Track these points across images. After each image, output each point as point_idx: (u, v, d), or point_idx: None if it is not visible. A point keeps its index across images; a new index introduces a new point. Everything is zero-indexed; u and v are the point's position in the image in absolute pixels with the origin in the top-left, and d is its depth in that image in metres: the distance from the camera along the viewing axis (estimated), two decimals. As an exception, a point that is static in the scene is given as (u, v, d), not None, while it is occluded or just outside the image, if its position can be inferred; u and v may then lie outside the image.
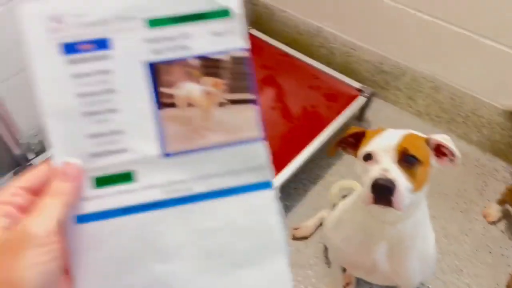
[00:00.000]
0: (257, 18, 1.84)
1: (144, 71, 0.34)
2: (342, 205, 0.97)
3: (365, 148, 0.73)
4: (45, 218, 0.30)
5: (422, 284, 1.19)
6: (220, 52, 0.35)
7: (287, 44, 1.71)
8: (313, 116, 1.47)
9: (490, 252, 1.25)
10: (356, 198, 0.89)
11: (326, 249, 1.26)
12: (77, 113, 0.33)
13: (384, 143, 0.71)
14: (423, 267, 0.87)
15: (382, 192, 0.66)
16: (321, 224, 1.30)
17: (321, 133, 1.41)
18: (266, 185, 0.36)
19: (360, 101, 1.51)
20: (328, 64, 1.65)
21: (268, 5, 1.77)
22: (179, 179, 0.34)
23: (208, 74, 0.35)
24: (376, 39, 1.55)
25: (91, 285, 0.34)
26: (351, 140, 0.81)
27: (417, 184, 0.70)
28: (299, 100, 1.52)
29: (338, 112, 1.47)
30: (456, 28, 1.31)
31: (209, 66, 0.35)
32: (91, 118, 0.33)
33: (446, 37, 1.35)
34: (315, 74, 1.60)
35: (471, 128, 1.46)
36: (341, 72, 1.61)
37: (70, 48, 0.33)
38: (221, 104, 0.35)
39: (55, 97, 0.33)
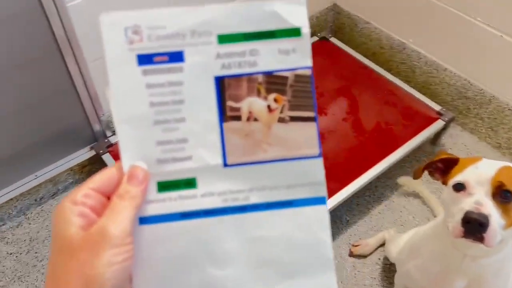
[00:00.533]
0: (339, 27, 1.82)
1: (213, 84, 0.36)
2: (420, 230, 0.93)
3: (458, 177, 0.69)
4: (121, 220, 0.32)
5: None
6: (285, 70, 0.36)
7: (366, 56, 1.67)
8: (386, 133, 1.42)
9: None
10: (437, 226, 0.84)
11: (384, 270, 1.22)
12: (149, 121, 0.35)
13: (479, 175, 0.67)
14: None
15: (474, 226, 0.63)
16: (382, 245, 1.26)
17: (393, 152, 1.36)
18: (320, 200, 0.37)
19: (438, 124, 1.45)
20: (408, 81, 1.60)
21: (352, 15, 1.74)
22: (237, 189, 0.36)
23: (272, 90, 0.36)
24: (462, 62, 1.48)
25: (149, 285, 0.35)
26: (440, 166, 0.78)
27: (510, 220, 0.65)
28: (373, 114, 1.48)
29: (414, 133, 1.41)
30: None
31: (274, 82, 0.36)
32: (160, 126, 0.35)
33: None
34: (393, 90, 1.55)
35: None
36: (420, 91, 1.55)
37: (146, 59, 0.35)
38: (283, 120, 0.37)
39: (129, 105, 0.35)
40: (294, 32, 0.36)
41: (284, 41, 0.36)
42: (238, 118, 0.36)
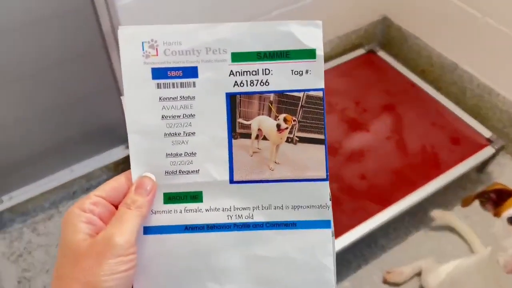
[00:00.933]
0: (388, 41, 1.76)
1: (224, 101, 0.36)
2: (462, 264, 0.87)
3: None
4: (126, 229, 0.33)
5: None
6: (297, 90, 0.37)
7: (415, 73, 1.60)
8: (430, 156, 1.35)
9: None
10: (482, 262, 0.78)
11: (418, 304, 1.15)
12: (159, 133, 0.36)
13: None
14: None
15: None
16: (417, 274, 1.19)
17: (436, 177, 1.29)
18: (325, 224, 0.37)
19: (487, 152, 1.36)
20: (457, 103, 1.52)
21: (403, 29, 1.67)
22: (242, 206, 0.36)
23: (283, 110, 0.37)
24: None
25: None
26: (493, 196, 0.73)
27: None
28: (418, 136, 1.41)
29: (460, 159, 1.34)
30: None
31: (285, 102, 0.37)
32: (170, 138, 0.36)
33: None
34: (441, 112, 1.48)
35: None
36: (470, 115, 1.47)
37: (160, 73, 0.36)
38: (292, 141, 0.37)
39: (142, 116, 0.36)
40: (309, 54, 0.36)
41: (298, 62, 0.36)
42: (247, 135, 0.37)
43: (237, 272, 0.36)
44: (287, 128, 0.37)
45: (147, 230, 0.36)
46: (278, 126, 0.36)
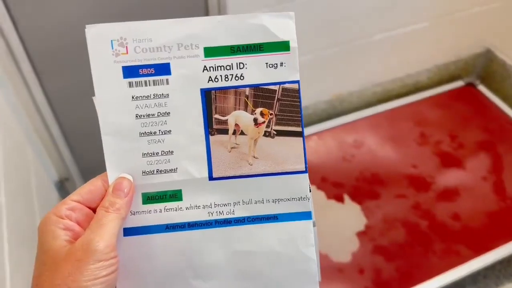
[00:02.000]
0: (488, 75, 1.66)
1: (199, 97, 0.36)
2: None
3: None
4: (105, 233, 0.32)
5: None
6: (273, 84, 0.36)
7: (518, 111, 1.49)
8: (532, 203, 1.25)
9: None
10: None
11: None
12: (134, 133, 0.36)
13: None
14: None
15: None
16: (510, 333, 1.09)
17: (539, 227, 1.19)
18: (305, 215, 0.37)
19: None
20: None
21: (507, 65, 1.57)
22: (222, 202, 0.36)
23: (259, 104, 0.37)
24: None
25: None
26: None
27: None
28: (519, 179, 1.31)
29: None
30: None
31: (261, 96, 0.36)
32: (146, 138, 0.36)
33: None
34: (546, 156, 1.36)
35: None
36: None
37: (132, 71, 0.35)
38: (269, 135, 0.37)
39: (115, 117, 0.35)
40: (283, 46, 0.36)
41: (272, 55, 0.36)
42: (224, 131, 0.37)
43: (220, 268, 0.36)
44: (264, 122, 0.37)
45: (127, 232, 0.35)
46: (255, 120, 0.36)
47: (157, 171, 0.36)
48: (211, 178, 0.36)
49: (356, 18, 1.31)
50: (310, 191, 0.37)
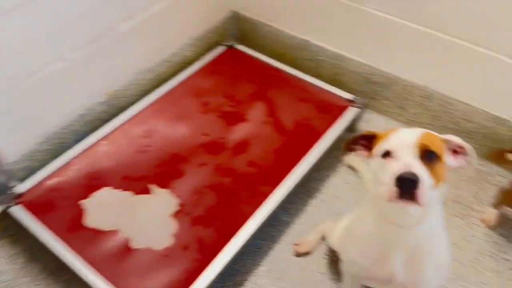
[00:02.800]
0: (242, 33, 1.83)
1: None
2: (353, 217, 0.95)
3: (384, 146, 0.73)
4: None
5: (429, 294, 1.17)
6: None
7: (274, 58, 1.70)
8: (306, 129, 1.45)
9: (493, 258, 1.25)
10: (367, 206, 0.87)
11: (331, 263, 1.23)
12: None
13: (403, 140, 0.71)
14: (438, 274, 0.86)
15: (406, 186, 0.66)
16: (323, 238, 1.27)
17: (315, 145, 1.39)
18: None
19: (352, 112, 1.51)
20: (317, 76, 1.65)
21: (253, 20, 1.76)
22: None
23: None
24: (364, 51, 1.56)
25: None
26: (363, 142, 0.81)
27: (437, 180, 0.70)
28: (291, 113, 1.50)
29: (331, 124, 1.46)
30: (445, 36, 1.33)
31: None
32: None
33: (435, 45, 1.36)
34: (305, 87, 1.59)
35: (463, 135, 1.48)
36: (331, 84, 1.61)
37: None
38: None
39: None
40: None
41: None
42: None
43: None
44: None
45: None
46: None
47: None
48: None
49: (95, 12, 1.29)
50: None
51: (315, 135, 1.43)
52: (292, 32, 1.68)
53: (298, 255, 1.26)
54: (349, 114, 1.50)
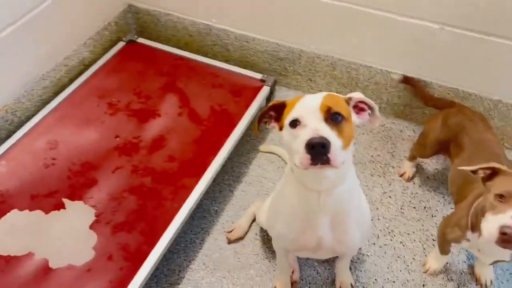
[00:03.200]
0: (143, 26, 1.75)
1: None
2: (275, 193, 0.95)
3: (290, 115, 0.72)
4: None
5: (361, 254, 1.21)
6: None
7: (180, 47, 1.65)
8: (222, 114, 1.43)
9: (414, 208, 1.32)
10: (285, 179, 0.86)
11: (264, 243, 1.23)
12: None
13: (308, 106, 0.71)
14: (362, 231, 0.88)
15: (318, 151, 0.65)
16: (254, 220, 1.27)
17: (234, 129, 1.37)
18: None
19: (264, 91, 1.50)
20: (226, 60, 1.62)
21: (151, 11, 1.69)
22: None
23: None
24: (265, 28, 1.55)
25: None
26: (273, 114, 0.80)
27: (346, 140, 0.70)
28: (205, 101, 1.46)
29: (246, 106, 1.45)
30: (339, 3, 1.36)
31: None
32: None
33: (332, 14, 1.39)
34: (215, 73, 1.56)
35: (371, 97, 1.53)
36: (240, 66, 1.59)
37: None
38: None
39: None
40: None
41: None
42: None
43: None
44: None
45: None
46: None
47: None
48: None
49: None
50: None
51: (232, 120, 1.41)
52: (193, 18, 1.64)
53: (231, 241, 1.24)
54: (262, 93, 1.50)
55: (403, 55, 1.40)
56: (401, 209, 1.31)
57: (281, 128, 0.76)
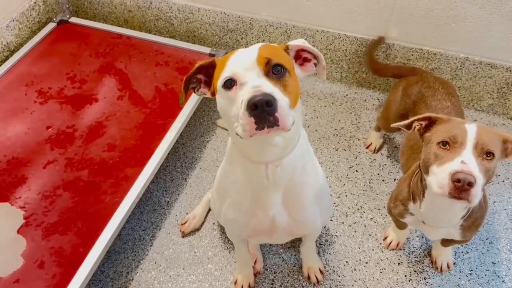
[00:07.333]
0: (77, 5, 1.58)
1: None
2: (218, 173, 0.81)
3: (223, 75, 0.58)
4: None
5: (329, 235, 1.10)
6: None
7: (120, 25, 1.49)
8: (169, 95, 1.28)
9: (383, 181, 1.22)
10: (228, 156, 0.73)
11: (223, 233, 1.10)
12: None
13: (243, 61, 0.57)
14: (322, 206, 0.77)
15: (262, 111, 0.52)
16: (210, 209, 1.14)
17: (181, 110, 1.23)
18: None
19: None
20: (172, 36, 1.47)
21: (85, -13, 1.52)
22: None
23: None
24: (213, -2, 1.41)
25: None
26: (202, 78, 0.66)
27: (293, 96, 0.58)
28: (148, 81, 1.32)
29: (195, 83, 1.31)
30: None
31: None
32: None
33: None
34: (159, 50, 1.41)
35: (331, 66, 1.42)
36: (187, 41, 1.45)
37: None
38: None
39: None
40: None
41: None
42: None
43: None
44: None
45: None
46: None
47: None
48: None
49: None
50: None
51: (179, 99, 1.26)
52: (131, -8, 1.48)
53: (186, 234, 1.11)
54: (213, 69, 1.36)
55: (362, 16, 1.29)
56: (369, 183, 1.21)
57: (213, 94, 0.63)
